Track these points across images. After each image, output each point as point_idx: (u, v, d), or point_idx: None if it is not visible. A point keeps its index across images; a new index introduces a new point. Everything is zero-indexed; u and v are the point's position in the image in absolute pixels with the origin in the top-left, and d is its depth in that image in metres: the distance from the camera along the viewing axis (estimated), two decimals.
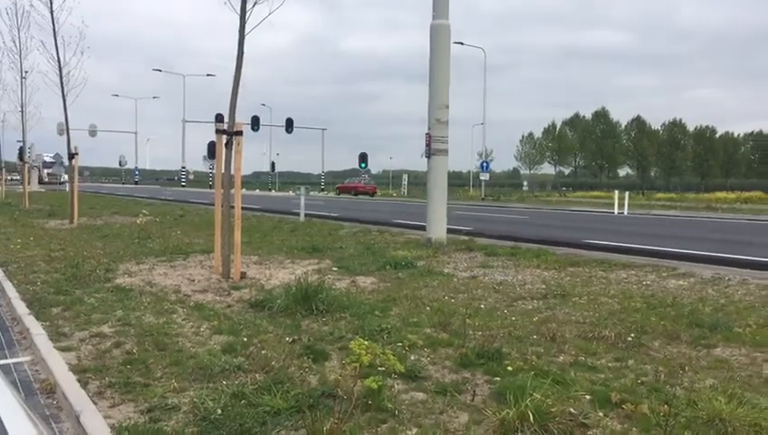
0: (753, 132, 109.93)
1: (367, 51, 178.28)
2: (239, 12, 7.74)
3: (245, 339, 4.90)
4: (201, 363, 4.26)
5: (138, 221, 15.04)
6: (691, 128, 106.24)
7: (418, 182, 63.39)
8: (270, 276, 7.96)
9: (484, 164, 51.64)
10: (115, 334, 5.12)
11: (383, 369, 3.74)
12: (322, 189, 64.83)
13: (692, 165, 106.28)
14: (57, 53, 15.29)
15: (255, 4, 7.78)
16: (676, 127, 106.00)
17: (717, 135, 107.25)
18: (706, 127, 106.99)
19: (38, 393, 4.10)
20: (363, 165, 56.99)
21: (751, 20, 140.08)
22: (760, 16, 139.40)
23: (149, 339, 4.95)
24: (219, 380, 3.97)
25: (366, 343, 3.76)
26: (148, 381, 4.02)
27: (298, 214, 18.23)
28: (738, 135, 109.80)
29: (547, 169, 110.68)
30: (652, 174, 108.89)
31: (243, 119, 9.44)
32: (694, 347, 4.84)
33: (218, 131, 7.90)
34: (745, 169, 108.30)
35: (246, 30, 7.77)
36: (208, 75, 68.29)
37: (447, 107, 11.67)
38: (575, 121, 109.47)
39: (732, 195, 56.11)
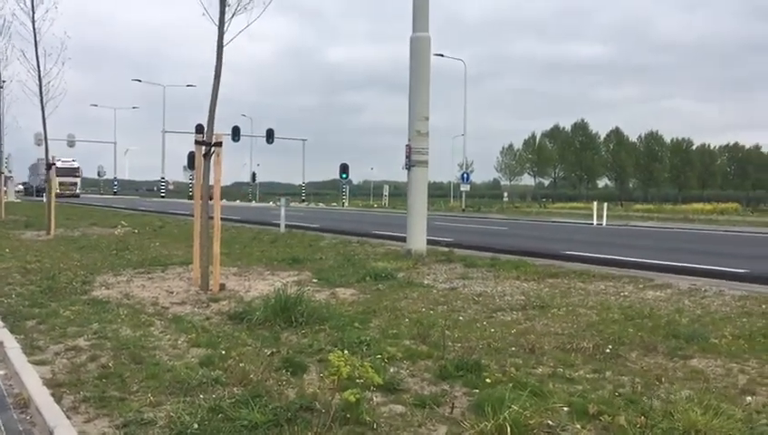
0: (728, 144, 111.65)
1: (348, 61, 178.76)
2: (217, 23, 7.72)
3: (224, 352, 4.86)
4: (178, 377, 4.21)
5: (116, 232, 14.95)
6: (668, 140, 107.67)
7: (399, 193, 63.45)
8: (249, 288, 7.92)
9: (465, 175, 51.85)
10: (91, 348, 5.06)
11: (362, 381, 3.72)
12: (303, 200, 64.69)
13: (669, 176, 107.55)
14: (38, 63, 15.16)
15: (234, 15, 7.78)
16: (653, 139, 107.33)
17: (694, 147, 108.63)
18: (683, 139, 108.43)
19: (11, 408, 4.04)
20: (344, 175, 57.01)
21: (728, 33, 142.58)
22: (736, 29, 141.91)
23: (126, 352, 4.89)
24: (196, 393, 3.93)
25: (345, 355, 3.76)
26: (123, 395, 3.97)
27: (278, 225, 18.17)
28: (714, 147, 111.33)
29: (527, 180, 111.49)
30: (630, 185, 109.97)
31: (223, 129, 9.42)
32: (670, 358, 4.88)
33: (197, 142, 7.87)
34: (722, 180, 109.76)
35: (225, 41, 7.76)
36: (188, 86, 67.87)
37: (427, 118, 11.73)
38: (555, 133, 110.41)
39: (708, 206, 56.88)
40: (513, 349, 5.06)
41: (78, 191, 64.96)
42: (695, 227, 27.44)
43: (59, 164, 66.16)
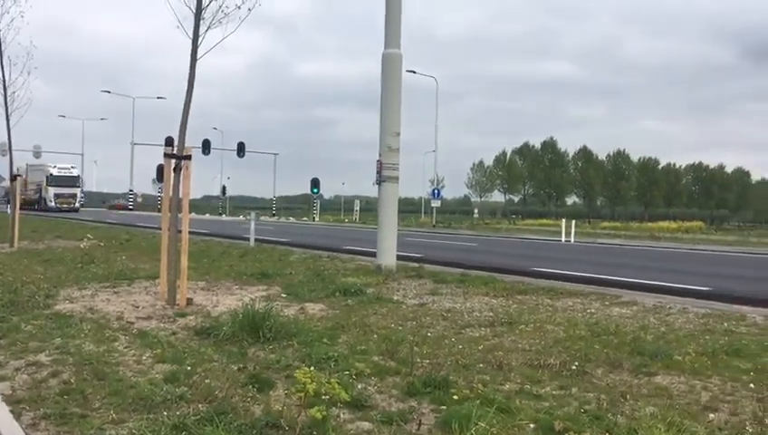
0: (693, 164, 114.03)
1: (321, 76, 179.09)
2: (191, 36, 7.69)
3: (189, 368, 4.79)
4: (142, 393, 4.14)
5: (81, 245, 14.68)
6: (635, 159, 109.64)
7: (371, 208, 63.54)
8: (217, 303, 7.84)
9: (436, 191, 52.15)
10: (53, 363, 4.95)
11: (329, 398, 3.70)
12: (274, 214, 64.37)
13: (636, 195, 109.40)
14: (2, 73, 14.91)
15: (208, 29, 7.76)
16: (620, 158, 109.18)
17: (660, 166, 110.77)
18: (650, 158, 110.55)
19: None
20: (315, 190, 56.93)
21: (692, 56, 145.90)
22: (701, 53, 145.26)
23: (89, 368, 4.79)
24: (160, 410, 3.86)
25: (311, 371, 3.74)
26: (85, 411, 3.89)
27: (248, 239, 18.04)
28: (680, 166, 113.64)
29: (497, 196, 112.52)
30: (598, 203, 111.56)
31: (194, 142, 9.36)
32: (635, 375, 4.93)
33: (167, 155, 7.80)
34: (687, 199, 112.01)
35: (198, 54, 7.73)
36: (159, 98, 67.17)
37: (398, 134, 11.79)
38: (524, 151, 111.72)
39: (674, 224, 57.97)
40: (481, 365, 5.07)
41: (78, 204, 57.91)
42: (660, 244, 27.89)
43: (54, 172, 57.73)
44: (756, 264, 18.42)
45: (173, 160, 7.69)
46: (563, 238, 28.26)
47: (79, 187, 60.38)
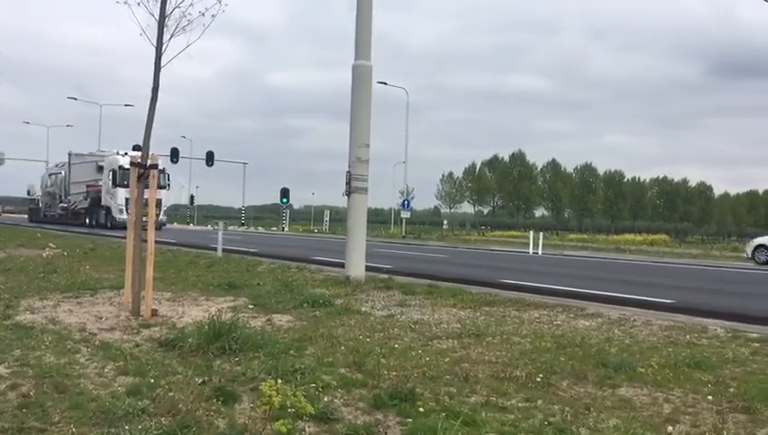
0: (658, 178, 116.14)
1: (292, 86, 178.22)
2: (155, 44, 7.62)
3: (152, 380, 4.72)
4: (103, 407, 4.06)
5: (44, 254, 14.41)
6: (602, 172, 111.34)
7: (340, 218, 63.42)
8: (183, 314, 7.74)
9: (406, 202, 52.35)
10: (11, 376, 4.84)
11: (294, 411, 3.68)
12: (243, 224, 63.90)
13: (602, 207, 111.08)
14: None
15: (172, 37, 7.67)
16: (587, 171, 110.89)
17: (626, 179, 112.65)
18: (616, 171, 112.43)
19: None
20: (285, 200, 56.74)
21: (658, 70, 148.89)
22: (667, 68, 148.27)
23: (48, 381, 4.69)
24: (121, 424, 3.80)
25: (277, 384, 3.71)
26: (44, 426, 3.80)
27: (216, 249, 17.87)
28: (645, 180, 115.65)
29: (467, 208, 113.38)
30: (566, 215, 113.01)
31: (162, 151, 9.23)
32: (600, 387, 4.99)
33: (132, 164, 7.71)
34: (652, 212, 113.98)
35: (163, 62, 7.65)
36: (126, 105, 65.94)
37: (368, 146, 11.80)
38: (494, 163, 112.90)
39: (639, 237, 58.91)
40: (448, 377, 5.08)
41: (163, 218, 39.66)
42: (626, 257, 28.30)
43: (123, 161, 34.94)
44: (718, 277, 18.78)
45: (139, 169, 7.59)
46: (531, 250, 28.52)
47: (166, 187, 38.32)
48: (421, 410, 4.15)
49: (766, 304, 11.14)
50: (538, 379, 5.03)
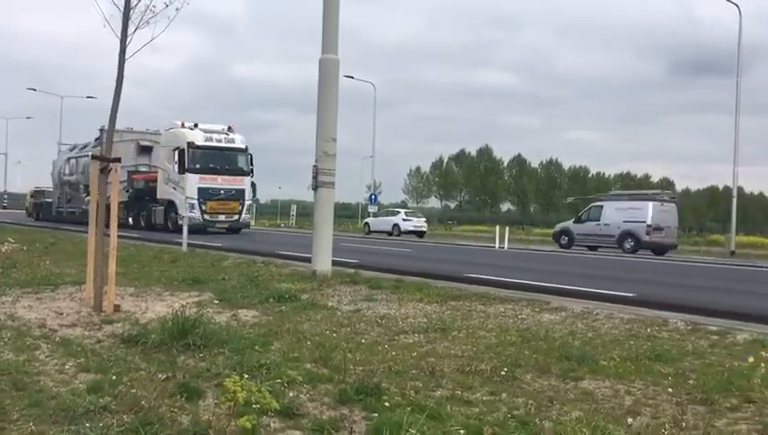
0: (622, 173, 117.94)
1: (259, 79, 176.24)
2: (119, 36, 7.49)
3: (114, 377, 4.64)
4: (63, 404, 3.99)
5: (3, 249, 14.08)
6: (567, 168, 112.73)
7: (307, 213, 63.10)
8: (146, 309, 7.63)
9: (373, 196, 52.38)
10: None
11: (259, 407, 3.65)
12: None
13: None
14: None
15: (137, 29, 7.53)
16: (553, 166, 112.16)
17: (590, 175, 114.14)
18: (581, 167, 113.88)
19: None
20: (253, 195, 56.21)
21: (623, 68, 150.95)
22: (630, 65, 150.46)
23: (7, 378, 4.58)
24: (82, 422, 3.73)
25: (241, 380, 3.69)
26: (2, 424, 3.72)
27: (180, 244, 17.66)
28: (609, 176, 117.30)
29: (434, 202, 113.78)
30: (532, 210, 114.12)
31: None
32: (563, 380, 5.05)
33: (94, 157, 7.57)
34: None
35: (127, 54, 7.52)
36: (89, 97, 64.58)
37: (335, 140, 11.77)
38: (461, 158, 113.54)
39: None
40: (414, 372, 5.10)
41: (246, 216, 30.33)
42: (590, 252, 28.70)
43: (200, 139, 26.36)
44: (678, 271, 19.18)
45: (100, 163, 7.46)
46: (497, 245, 28.75)
47: (249, 174, 29.44)
48: (387, 404, 4.16)
49: (721, 298, 11.41)
50: (503, 372, 5.07)
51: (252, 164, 29.65)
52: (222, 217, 27.92)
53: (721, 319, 8.10)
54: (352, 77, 48.20)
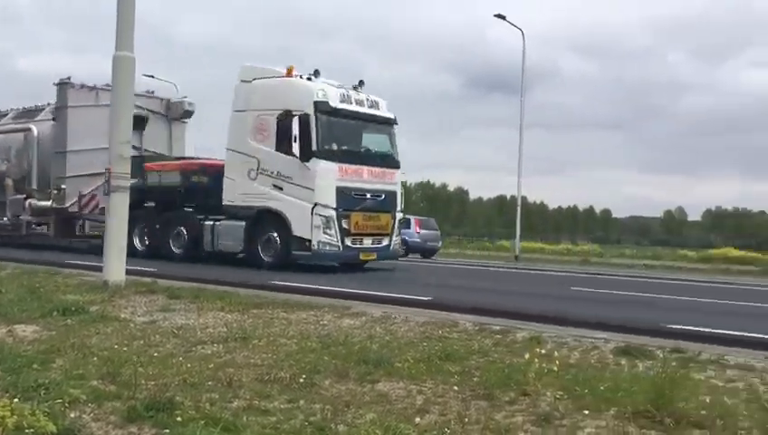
0: (422, 182, 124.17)
1: (46, 72, 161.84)
2: None
3: None
4: None
5: None
6: None
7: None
8: None
9: None
10: None
11: (32, 431, 3.35)
12: None
13: None
14: None
15: None
16: None
17: None
18: None
19: None
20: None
21: (425, 81, 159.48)
22: (432, 79, 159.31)
23: None
24: None
25: (12, 403, 3.37)
26: None
27: None
28: (411, 184, 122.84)
29: None
30: None
31: None
32: (360, 383, 5.19)
33: None
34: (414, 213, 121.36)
35: None
36: None
37: (130, 142, 11.14)
38: None
39: None
40: (210, 383, 4.96)
41: (396, 239, 16.87)
42: None
43: (336, 99, 15.06)
44: (471, 274, 20.56)
45: None
46: None
47: (399, 166, 16.89)
48: (179, 419, 4.01)
49: (506, 300, 12.39)
50: (301, 379, 5.10)
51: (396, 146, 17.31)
52: (368, 243, 16.09)
53: (505, 319, 8.75)
54: (153, 76, 45.90)
